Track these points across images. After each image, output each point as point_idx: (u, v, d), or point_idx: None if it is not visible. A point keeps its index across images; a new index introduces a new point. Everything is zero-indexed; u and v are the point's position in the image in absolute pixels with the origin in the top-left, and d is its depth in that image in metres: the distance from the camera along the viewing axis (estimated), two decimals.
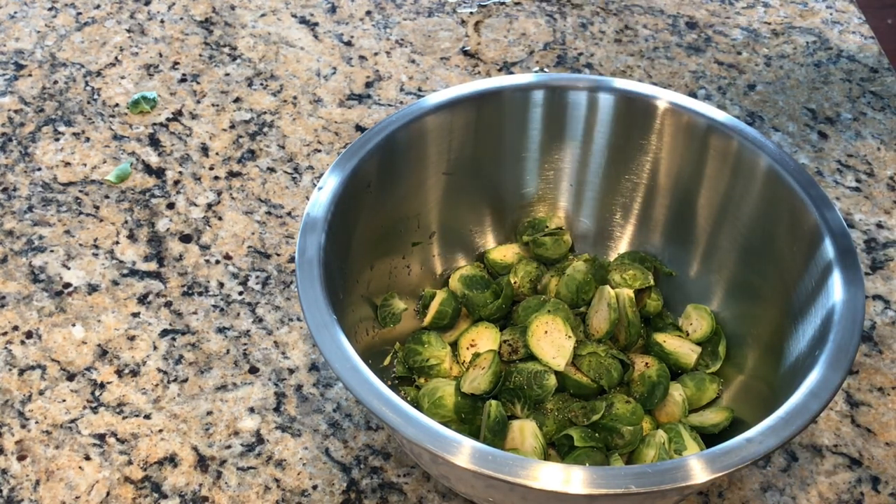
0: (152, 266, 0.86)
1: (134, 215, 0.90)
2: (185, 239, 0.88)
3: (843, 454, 0.76)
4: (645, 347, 0.77)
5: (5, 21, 1.09)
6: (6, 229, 0.89)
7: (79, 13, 1.10)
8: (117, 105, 1.00)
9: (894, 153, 0.97)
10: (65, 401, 0.77)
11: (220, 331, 0.82)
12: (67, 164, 0.94)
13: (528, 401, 0.72)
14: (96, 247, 0.88)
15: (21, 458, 0.74)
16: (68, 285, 0.85)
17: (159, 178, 0.93)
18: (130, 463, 0.74)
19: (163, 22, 1.09)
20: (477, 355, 0.74)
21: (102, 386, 0.78)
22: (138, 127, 0.98)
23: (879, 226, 0.91)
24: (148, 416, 0.77)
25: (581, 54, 1.07)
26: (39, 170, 0.94)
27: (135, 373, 0.79)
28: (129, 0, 1.12)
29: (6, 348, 0.80)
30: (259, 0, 1.12)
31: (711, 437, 0.71)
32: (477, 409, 0.72)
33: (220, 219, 0.90)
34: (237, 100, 1.01)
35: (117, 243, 0.88)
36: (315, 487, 0.73)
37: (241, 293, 0.85)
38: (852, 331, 0.63)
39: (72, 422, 0.76)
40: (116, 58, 1.05)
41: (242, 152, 0.96)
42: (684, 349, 0.76)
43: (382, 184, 0.75)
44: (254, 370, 0.80)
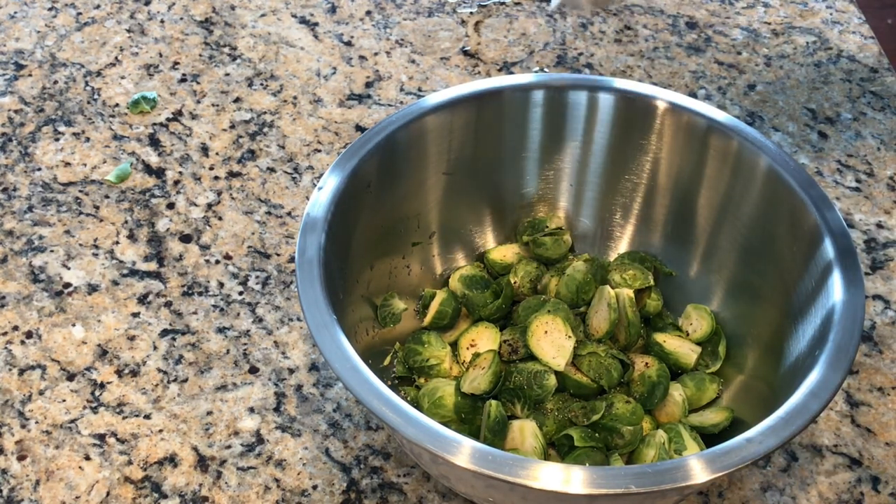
0: (152, 266, 0.86)
1: (134, 215, 0.90)
2: (185, 239, 0.88)
3: (843, 454, 0.76)
4: (645, 347, 0.77)
5: (5, 21, 1.09)
6: (6, 229, 0.89)
7: (79, 13, 1.10)
8: (117, 105, 1.00)
9: (894, 153, 0.97)
10: (65, 401, 0.77)
11: (220, 331, 0.82)
12: (67, 164, 0.94)
13: (528, 401, 0.72)
14: (96, 247, 0.88)
15: (21, 458, 0.74)
16: (68, 285, 0.85)
17: (159, 178, 0.93)
18: (130, 463, 0.74)
19: (163, 22, 1.09)
20: (477, 355, 0.74)
21: (102, 386, 0.78)
22: (138, 127, 0.98)
23: (879, 226, 0.91)
24: (148, 416, 0.77)
25: (581, 54, 1.07)
26: (39, 170, 0.94)
27: (135, 373, 0.79)
28: (129, 0, 1.12)
29: (6, 348, 0.80)
30: (259, 0, 1.12)
31: (711, 437, 0.71)
32: (477, 409, 0.72)
33: (220, 219, 0.90)
34: (237, 100, 1.01)
35: (117, 243, 0.88)
36: (315, 487, 0.73)
37: (241, 293, 0.85)
38: (852, 331, 0.63)
39: (72, 422, 0.76)
40: (116, 58, 1.05)
41: (242, 152, 0.96)
42: (684, 349, 0.76)
43: (382, 184, 0.75)
44: (254, 370, 0.80)
